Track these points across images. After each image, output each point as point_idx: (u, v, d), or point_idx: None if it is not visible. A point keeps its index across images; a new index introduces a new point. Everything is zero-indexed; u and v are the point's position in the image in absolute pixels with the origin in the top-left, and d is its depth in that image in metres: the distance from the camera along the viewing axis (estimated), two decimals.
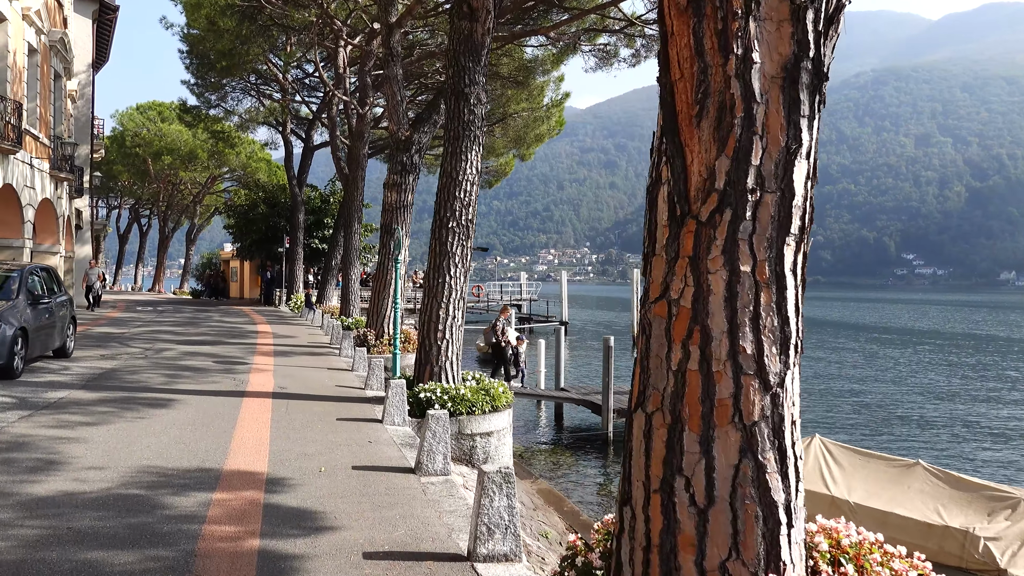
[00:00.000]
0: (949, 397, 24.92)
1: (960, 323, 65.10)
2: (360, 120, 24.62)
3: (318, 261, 41.11)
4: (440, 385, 10.46)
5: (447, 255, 10.85)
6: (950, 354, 38.85)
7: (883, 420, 20.81)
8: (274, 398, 10.85)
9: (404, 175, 18.16)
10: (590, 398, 17.65)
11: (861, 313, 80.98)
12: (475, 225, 10.99)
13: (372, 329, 18.79)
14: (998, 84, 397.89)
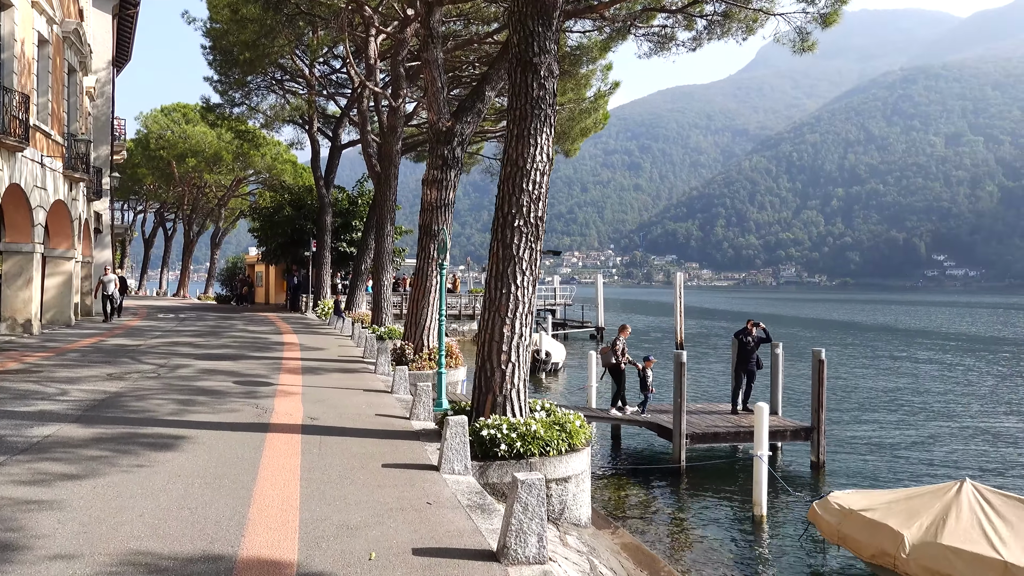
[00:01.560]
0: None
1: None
2: (393, 113, 22.80)
3: (345, 265, 39.50)
4: (506, 420, 8.53)
5: (512, 260, 8.94)
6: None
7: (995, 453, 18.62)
8: (304, 433, 8.99)
9: (445, 170, 16.30)
10: (655, 419, 15.65)
11: (919, 318, 78.07)
12: (545, 224, 9.08)
13: (410, 342, 16.93)
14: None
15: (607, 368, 16.83)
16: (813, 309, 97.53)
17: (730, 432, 14.64)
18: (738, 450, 15.87)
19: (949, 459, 16.14)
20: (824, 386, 14.87)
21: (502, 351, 8.94)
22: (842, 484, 13.78)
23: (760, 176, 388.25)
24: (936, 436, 18.54)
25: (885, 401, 23.47)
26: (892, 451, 16.69)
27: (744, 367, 16.43)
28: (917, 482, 14.00)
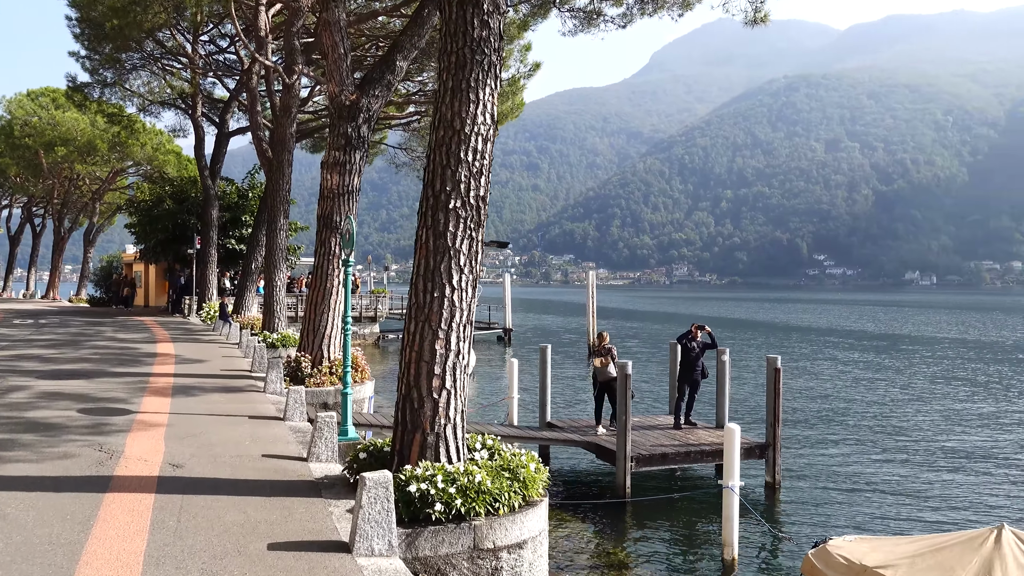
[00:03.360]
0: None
1: (953, 327, 64.17)
2: (287, 92, 20.15)
3: (235, 264, 36.17)
4: (440, 467, 6.34)
5: (447, 253, 6.76)
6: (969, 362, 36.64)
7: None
8: (159, 491, 6.54)
9: (349, 151, 13.90)
10: (592, 439, 13.73)
11: (816, 317, 79.85)
12: (488, 206, 6.95)
13: (307, 353, 14.43)
14: (902, 92, 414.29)
15: (603, 383, 14.46)
16: (711, 307, 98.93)
17: (679, 452, 12.88)
18: (676, 472, 14.15)
19: (910, 464, 14.95)
20: (780, 397, 13.32)
21: (433, 374, 6.73)
22: (804, 509, 12.22)
23: (654, 178, 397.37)
24: (889, 443, 17.42)
25: (825, 407, 22.37)
26: (847, 464, 15.36)
27: (688, 376, 14.74)
28: (891, 503, 12.61)
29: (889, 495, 13.17)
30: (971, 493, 13.27)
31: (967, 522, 11.49)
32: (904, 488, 13.61)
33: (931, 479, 14.18)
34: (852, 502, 12.72)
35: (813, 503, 12.57)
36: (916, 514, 12.09)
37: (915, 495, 13.19)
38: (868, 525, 11.35)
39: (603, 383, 14.45)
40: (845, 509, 12.33)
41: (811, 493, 13.20)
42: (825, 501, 12.71)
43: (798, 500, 12.78)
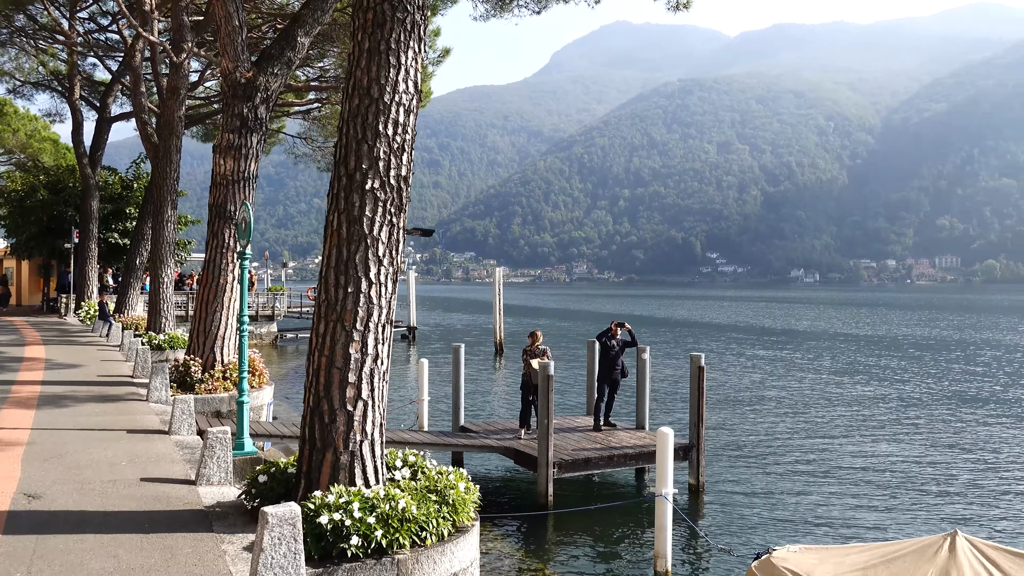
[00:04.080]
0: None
1: (858, 324, 66.34)
2: (175, 72, 18.50)
3: (119, 259, 33.72)
4: (357, 493, 5.40)
5: (363, 241, 5.81)
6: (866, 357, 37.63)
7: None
8: (6, 533, 5.34)
9: (245, 133, 12.64)
10: (510, 443, 12.95)
11: (720, 313, 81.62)
12: (410, 188, 6.05)
13: (197, 356, 13.08)
14: (788, 98, 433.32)
15: (535, 385, 13.32)
16: (614, 304, 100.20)
17: (602, 457, 12.27)
18: (597, 478, 13.54)
19: (842, 464, 14.81)
20: (704, 396, 12.91)
21: (347, 382, 5.77)
22: (738, 515, 11.78)
23: (554, 176, 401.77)
24: (817, 443, 17.34)
25: (744, 406, 22.24)
26: (776, 466, 15.08)
27: (608, 376, 14.16)
28: (829, 507, 12.25)
29: (825, 498, 12.77)
30: (908, 494, 12.96)
31: (908, 524, 11.24)
32: (840, 491, 13.17)
33: (866, 480, 13.85)
34: (787, 507, 12.27)
35: (747, 509, 12.05)
36: (857, 518, 11.67)
37: (852, 497, 12.77)
38: (810, 532, 10.90)
39: (535, 385, 13.68)
40: (781, 515, 11.84)
41: (742, 498, 12.66)
42: (758, 507, 12.18)
43: (729, 505, 12.28)
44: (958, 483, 13.81)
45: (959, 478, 14.15)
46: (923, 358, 35.49)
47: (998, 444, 17.02)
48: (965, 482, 13.86)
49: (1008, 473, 14.42)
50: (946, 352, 38.45)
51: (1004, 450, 16.45)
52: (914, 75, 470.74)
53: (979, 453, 16.12)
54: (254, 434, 11.07)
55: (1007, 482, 13.80)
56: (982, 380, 27.84)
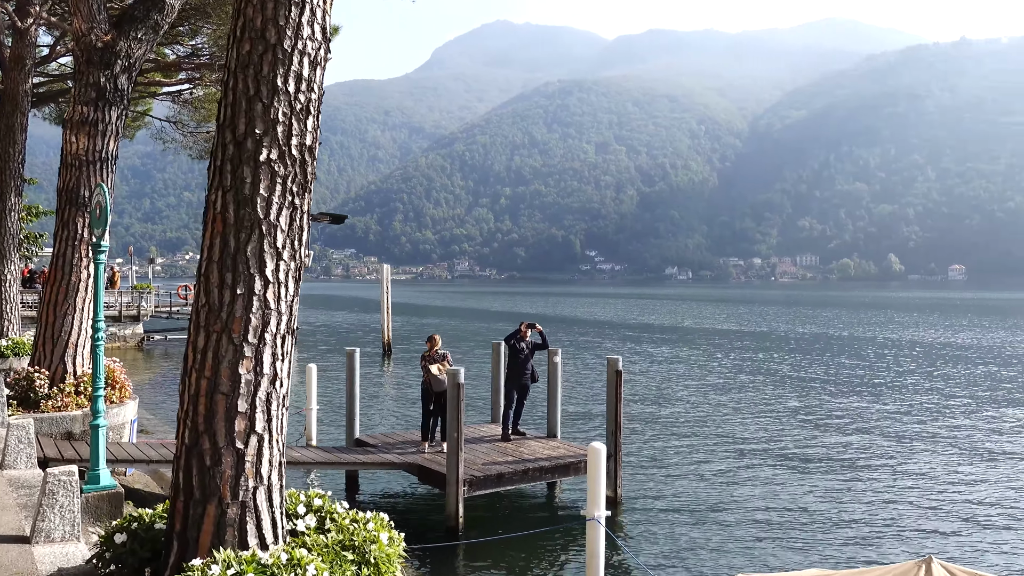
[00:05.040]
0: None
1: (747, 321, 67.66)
2: (20, 39, 16.13)
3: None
4: (251, 559, 4.10)
5: (256, 228, 4.48)
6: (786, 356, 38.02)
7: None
8: None
9: (102, 107, 10.80)
10: (414, 459, 11.67)
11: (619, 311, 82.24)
12: (316, 163, 4.77)
13: (42, 367, 11.15)
14: (662, 102, 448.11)
15: (439, 394, 12.20)
16: (501, 302, 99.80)
17: (516, 471, 11.22)
18: (511, 494, 12.49)
19: (775, 474, 14.31)
20: (621, 402, 12.09)
21: (236, 411, 4.44)
22: (672, 536, 10.94)
23: (436, 173, 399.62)
24: (742, 448, 16.86)
25: (657, 409, 21.57)
26: (693, 469, 14.44)
27: (517, 381, 13.14)
28: (770, 526, 11.47)
29: (764, 513, 11.82)
30: (849, 505, 12.33)
31: (868, 544, 10.60)
32: (779, 504, 12.27)
33: (803, 492, 13.11)
34: (725, 525, 11.26)
35: (679, 527, 10.98)
36: (806, 538, 10.70)
37: (794, 512, 11.80)
38: (759, 556, 10.00)
39: (438, 394, 12.45)
40: (720, 535, 10.80)
41: (671, 515, 11.70)
42: (690, 524, 11.22)
43: (657, 523, 11.27)
44: (903, 488, 13.60)
45: (904, 481, 13.96)
46: (813, 353, 36.49)
47: (930, 434, 17.14)
48: (908, 485, 13.67)
49: (931, 459, 14.39)
50: (835, 348, 39.78)
51: (925, 440, 16.55)
52: (777, 83, 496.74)
53: (914, 443, 16.12)
54: (114, 460, 9.37)
55: (933, 470, 13.73)
56: (904, 376, 28.66)
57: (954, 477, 14.03)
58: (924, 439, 17.29)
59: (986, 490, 13.16)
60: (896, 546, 10.34)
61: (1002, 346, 40.38)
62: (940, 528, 11.16)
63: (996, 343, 42.15)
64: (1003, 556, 10.04)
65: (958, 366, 31.53)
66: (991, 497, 12.72)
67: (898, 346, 40.31)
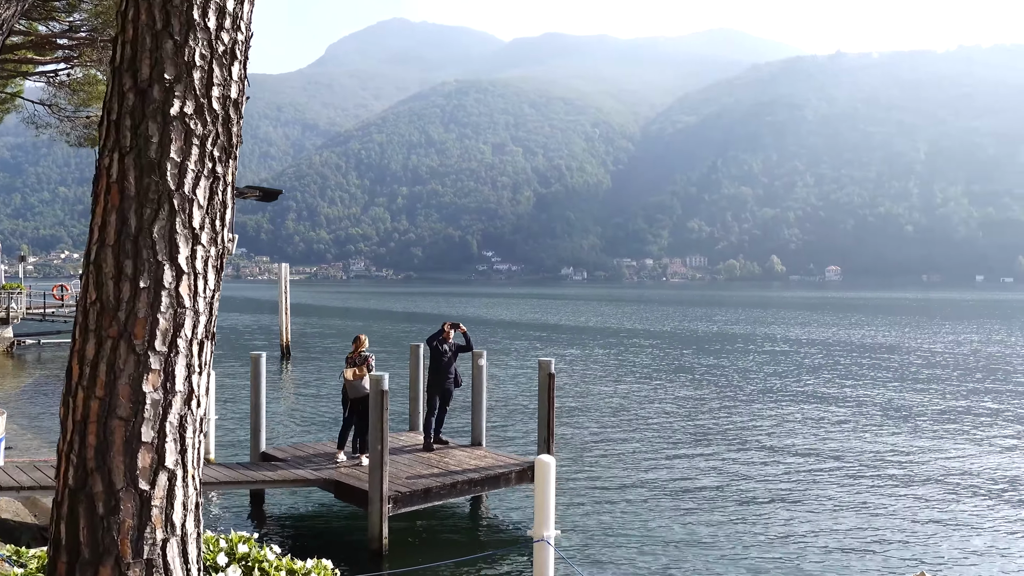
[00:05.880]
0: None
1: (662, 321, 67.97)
2: None
3: None
4: None
5: (166, 203, 3.45)
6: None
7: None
8: None
9: None
10: (330, 473, 10.54)
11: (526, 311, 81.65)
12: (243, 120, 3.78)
13: None
14: (558, 104, 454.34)
15: (355, 400, 11.32)
16: (403, 302, 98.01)
17: (444, 486, 10.29)
18: (437, 510, 11.53)
19: (701, 473, 13.84)
20: (553, 408, 11.35)
21: (139, 441, 3.39)
22: (606, 543, 10.27)
23: (331, 171, 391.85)
24: (666, 446, 16.37)
25: (589, 414, 20.86)
26: (628, 477, 13.81)
27: (440, 386, 12.22)
28: (713, 531, 10.88)
29: (714, 524, 11.03)
30: (787, 515, 11.68)
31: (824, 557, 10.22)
32: (729, 514, 11.58)
33: (747, 500, 12.43)
34: (673, 539, 10.46)
35: (624, 540, 10.21)
36: (764, 555, 9.97)
37: (743, 524, 11.15)
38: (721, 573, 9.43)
39: (355, 400, 11.43)
40: (673, 552, 9.97)
41: (616, 530, 10.83)
42: (635, 539, 10.37)
43: (600, 535, 10.43)
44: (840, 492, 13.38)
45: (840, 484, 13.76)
46: (724, 352, 36.97)
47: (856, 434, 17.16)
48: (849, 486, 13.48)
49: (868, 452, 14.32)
50: (742, 345, 40.49)
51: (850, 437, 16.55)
52: (668, 89, 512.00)
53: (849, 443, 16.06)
54: None
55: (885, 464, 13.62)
56: (819, 373, 29.13)
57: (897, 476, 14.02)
58: (866, 443, 17.38)
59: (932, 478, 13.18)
60: (841, 562, 10.01)
61: (890, 343, 42.22)
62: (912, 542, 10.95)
63: (885, 340, 44.04)
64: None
65: (864, 360, 32.60)
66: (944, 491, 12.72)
67: (802, 343, 41.51)
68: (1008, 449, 16.00)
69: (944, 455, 15.39)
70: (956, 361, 32.92)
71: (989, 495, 12.57)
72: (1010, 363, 32.24)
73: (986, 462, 14.87)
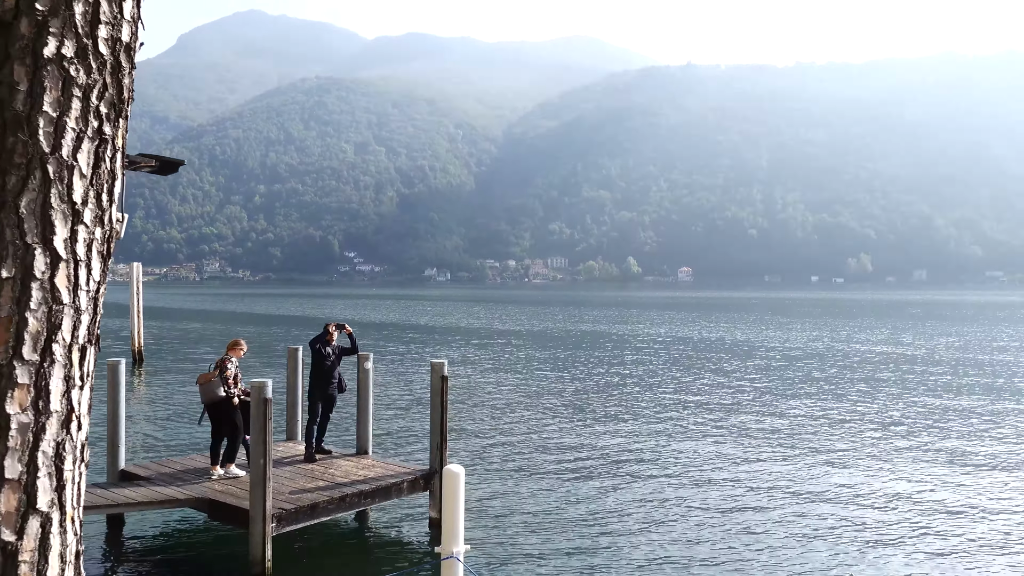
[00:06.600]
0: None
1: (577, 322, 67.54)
2: None
3: None
4: None
5: (37, 170, 2.69)
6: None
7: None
8: None
9: None
10: (203, 491, 9.50)
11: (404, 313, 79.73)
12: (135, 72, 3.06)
13: None
14: (422, 105, 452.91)
15: (209, 406, 10.43)
16: (265, 304, 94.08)
17: (332, 500, 9.49)
18: (323, 527, 10.70)
19: (611, 478, 13.55)
20: (447, 413, 10.78)
21: (3, 479, 2.63)
22: (509, 548, 9.81)
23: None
24: (557, 447, 15.99)
25: (479, 418, 20.21)
26: (523, 481, 13.36)
27: (323, 391, 11.41)
28: (631, 542, 10.59)
29: (627, 529, 10.71)
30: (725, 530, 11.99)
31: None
32: (640, 513, 11.36)
33: (664, 496, 12.37)
34: (584, 544, 10.04)
35: (530, 549, 9.79)
36: (678, 549, 9.89)
37: (659, 532, 10.84)
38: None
39: (208, 407, 10.49)
40: (583, 561, 9.57)
41: (520, 538, 10.32)
42: (547, 551, 9.86)
43: (503, 546, 9.89)
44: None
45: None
46: (597, 351, 37.41)
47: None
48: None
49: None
50: (616, 344, 41.15)
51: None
52: (530, 94, 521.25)
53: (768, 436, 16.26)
54: None
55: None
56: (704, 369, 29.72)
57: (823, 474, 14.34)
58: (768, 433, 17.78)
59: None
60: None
61: (748, 339, 44.29)
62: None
63: (744, 337, 46.16)
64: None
65: (724, 355, 33.88)
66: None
67: (670, 340, 42.76)
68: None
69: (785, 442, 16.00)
70: (808, 356, 34.87)
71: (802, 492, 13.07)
72: (867, 360, 34.47)
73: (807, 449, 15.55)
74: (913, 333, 49.62)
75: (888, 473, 13.77)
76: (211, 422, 10.50)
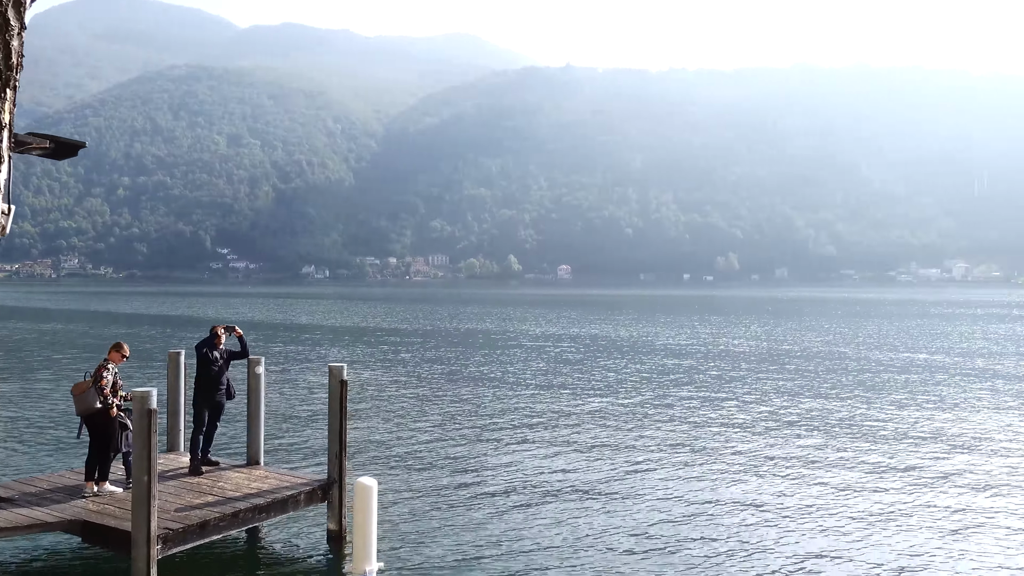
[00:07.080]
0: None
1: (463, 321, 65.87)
2: None
3: None
4: None
5: None
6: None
7: None
8: None
9: None
10: (73, 513, 8.55)
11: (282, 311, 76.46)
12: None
13: None
14: (299, 97, 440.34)
15: (86, 418, 9.53)
16: (134, 303, 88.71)
17: (224, 516, 8.78)
18: (215, 546, 9.96)
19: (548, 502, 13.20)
20: (346, 419, 10.23)
21: None
22: (423, 562, 9.39)
23: (35, 157, 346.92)
24: (461, 450, 15.52)
25: (373, 418, 19.26)
26: (426, 486, 12.87)
27: (210, 398, 10.62)
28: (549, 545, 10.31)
29: (543, 542, 10.31)
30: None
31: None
32: (563, 516, 10.99)
33: (576, 495, 12.15)
34: (501, 552, 9.71)
35: (444, 562, 9.36)
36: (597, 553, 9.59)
37: (583, 522, 10.59)
38: None
39: (83, 418, 9.59)
40: (504, 565, 9.28)
41: (424, 549, 9.84)
42: (456, 558, 9.44)
43: (411, 559, 9.54)
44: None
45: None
46: (488, 349, 37.18)
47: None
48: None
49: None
50: (503, 343, 41.03)
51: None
52: (410, 90, 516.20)
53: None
54: None
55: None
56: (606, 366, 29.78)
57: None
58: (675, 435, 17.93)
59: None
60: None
61: (632, 336, 45.32)
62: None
63: (628, 334, 47.20)
64: None
65: (616, 353, 34.44)
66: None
67: (560, 337, 43.12)
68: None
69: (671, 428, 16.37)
70: (692, 352, 36.01)
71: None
72: (756, 354, 35.88)
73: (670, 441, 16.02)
74: (785, 329, 52.29)
75: (773, 471, 14.21)
76: (90, 435, 9.60)
